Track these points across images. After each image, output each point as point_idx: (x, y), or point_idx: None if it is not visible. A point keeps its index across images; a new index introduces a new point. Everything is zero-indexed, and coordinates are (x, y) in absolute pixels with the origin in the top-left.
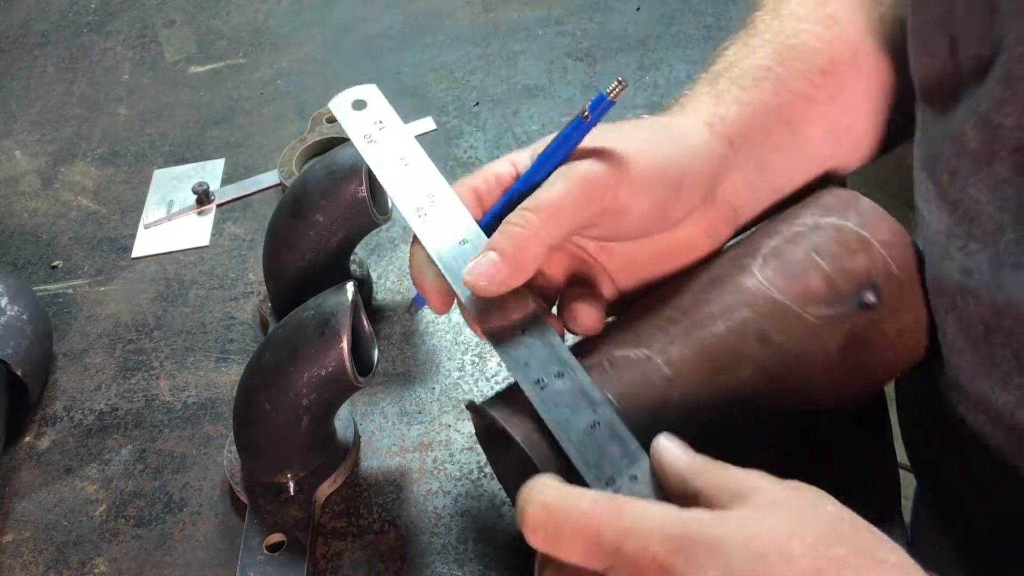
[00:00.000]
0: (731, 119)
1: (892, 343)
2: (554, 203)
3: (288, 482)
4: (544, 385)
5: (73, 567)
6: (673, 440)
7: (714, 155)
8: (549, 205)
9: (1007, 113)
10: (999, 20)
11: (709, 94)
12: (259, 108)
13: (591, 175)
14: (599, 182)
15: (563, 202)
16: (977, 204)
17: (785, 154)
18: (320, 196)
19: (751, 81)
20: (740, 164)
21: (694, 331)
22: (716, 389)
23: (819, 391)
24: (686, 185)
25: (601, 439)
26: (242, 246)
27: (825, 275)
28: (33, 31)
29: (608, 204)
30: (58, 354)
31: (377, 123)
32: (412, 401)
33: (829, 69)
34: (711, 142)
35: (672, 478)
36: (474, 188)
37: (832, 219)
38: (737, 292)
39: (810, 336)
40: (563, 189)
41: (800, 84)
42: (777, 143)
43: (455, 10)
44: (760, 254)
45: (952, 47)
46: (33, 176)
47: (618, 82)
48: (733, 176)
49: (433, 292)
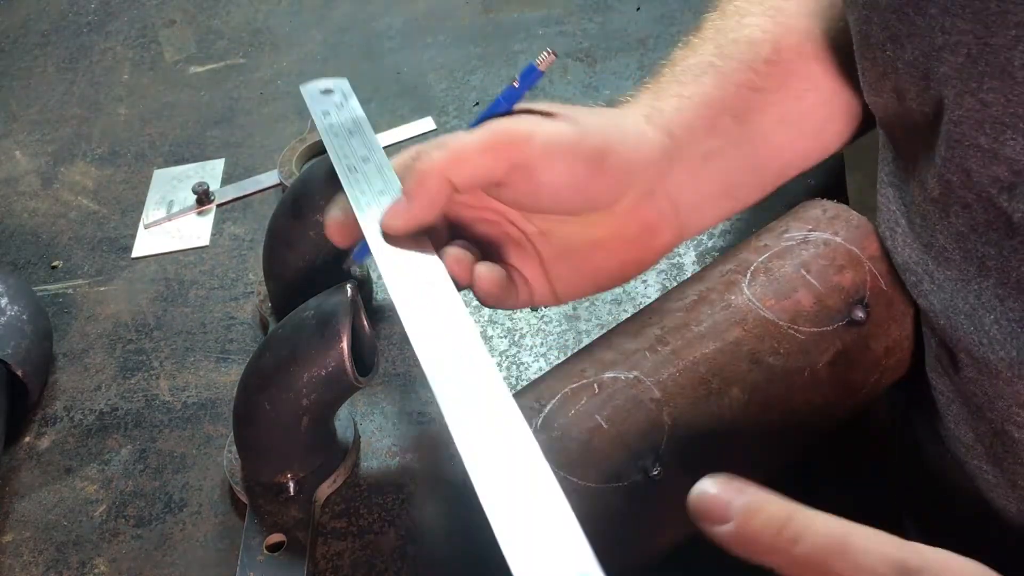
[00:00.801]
0: (669, 111)
1: (879, 359)
2: (460, 144)
3: (288, 482)
4: None
5: (73, 567)
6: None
7: (647, 143)
8: (454, 144)
9: (952, 171)
10: (935, 84)
11: (647, 91)
12: (259, 108)
13: (504, 127)
14: (511, 134)
15: (469, 145)
16: (945, 251)
17: (733, 144)
18: (320, 196)
19: (691, 77)
20: (682, 157)
21: (684, 352)
22: (706, 409)
23: (805, 408)
24: (609, 163)
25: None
26: (242, 246)
27: (814, 292)
28: (33, 31)
29: (516, 159)
30: (58, 354)
31: (338, 105)
32: (412, 401)
33: (774, 58)
34: (648, 131)
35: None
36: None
37: (821, 233)
38: (726, 310)
39: (798, 353)
40: (473, 136)
41: (744, 75)
42: (723, 134)
43: (455, 10)
44: (748, 270)
45: (900, 97)
46: (33, 176)
47: (548, 52)
48: (675, 171)
49: (335, 222)
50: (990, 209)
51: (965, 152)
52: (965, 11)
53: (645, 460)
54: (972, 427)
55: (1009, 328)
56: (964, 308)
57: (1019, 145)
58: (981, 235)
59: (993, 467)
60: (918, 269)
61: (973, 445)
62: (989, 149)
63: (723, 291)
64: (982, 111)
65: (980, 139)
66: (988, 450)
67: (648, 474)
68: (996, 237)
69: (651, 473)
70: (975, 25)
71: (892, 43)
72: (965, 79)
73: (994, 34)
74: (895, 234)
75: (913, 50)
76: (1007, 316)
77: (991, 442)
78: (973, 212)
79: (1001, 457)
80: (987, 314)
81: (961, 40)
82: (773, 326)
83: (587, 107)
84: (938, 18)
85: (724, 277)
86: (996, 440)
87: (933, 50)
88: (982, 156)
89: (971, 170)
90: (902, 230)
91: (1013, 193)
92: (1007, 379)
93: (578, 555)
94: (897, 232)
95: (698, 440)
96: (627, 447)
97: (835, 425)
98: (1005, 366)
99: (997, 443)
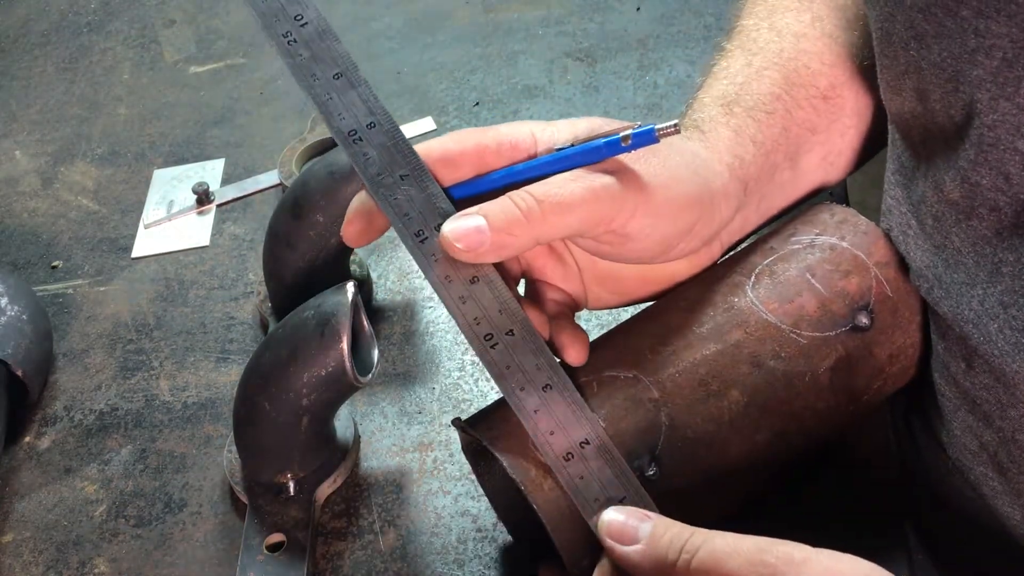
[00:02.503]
0: (748, 161)
1: (882, 366)
2: (563, 203)
3: (288, 482)
4: (495, 343)
5: (73, 567)
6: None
7: (729, 203)
8: (558, 202)
9: (983, 174)
10: (966, 87)
11: (727, 126)
12: (259, 108)
13: (611, 193)
14: (615, 203)
15: (572, 206)
16: (959, 254)
17: (782, 188)
18: (320, 196)
19: (764, 115)
20: (744, 206)
21: (684, 353)
22: (704, 410)
23: (806, 412)
24: (697, 227)
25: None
26: (242, 246)
27: (819, 296)
28: (33, 31)
29: (616, 227)
30: (58, 354)
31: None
32: (412, 401)
33: (830, 94)
34: (730, 186)
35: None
36: (480, 145)
37: (828, 238)
38: (728, 312)
39: (800, 358)
40: (577, 194)
41: (805, 113)
42: (779, 181)
43: (455, 10)
44: (753, 272)
45: (922, 98)
46: (33, 176)
47: (673, 126)
48: (736, 218)
49: (355, 216)
50: (1021, 212)
51: (1001, 156)
52: (1000, 14)
53: (641, 460)
54: (978, 435)
55: (1014, 338)
56: (969, 316)
57: None
58: (1005, 239)
59: (998, 475)
60: (929, 274)
61: (978, 452)
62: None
63: (726, 293)
64: (1019, 115)
65: (1018, 143)
66: (993, 458)
67: (644, 474)
68: (1018, 242)
69: (647, 473)
70: (1011, 28)
71: (916, 42)
72: (1001, 83)
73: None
74: (907, 237)
75: (941, 51)
76: (1011, 324)
77: (997, 450)
78: (1002, 215)
79: (1007, 466)
80: (991, 322)
81: (996, 43)
82: (775, 329)
83: (679, 151)
84: (971, 20)
85: (728, 279)
86: (1003, 448)
87: (965, 52)
88: (1021, 160)
89: (1010, 174)
90: (913, 232)
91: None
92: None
93: None
94: (909, 235)
95: (695, 441)
96: (623, 446)
97: (836, 430)
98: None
99: (1003, 451)
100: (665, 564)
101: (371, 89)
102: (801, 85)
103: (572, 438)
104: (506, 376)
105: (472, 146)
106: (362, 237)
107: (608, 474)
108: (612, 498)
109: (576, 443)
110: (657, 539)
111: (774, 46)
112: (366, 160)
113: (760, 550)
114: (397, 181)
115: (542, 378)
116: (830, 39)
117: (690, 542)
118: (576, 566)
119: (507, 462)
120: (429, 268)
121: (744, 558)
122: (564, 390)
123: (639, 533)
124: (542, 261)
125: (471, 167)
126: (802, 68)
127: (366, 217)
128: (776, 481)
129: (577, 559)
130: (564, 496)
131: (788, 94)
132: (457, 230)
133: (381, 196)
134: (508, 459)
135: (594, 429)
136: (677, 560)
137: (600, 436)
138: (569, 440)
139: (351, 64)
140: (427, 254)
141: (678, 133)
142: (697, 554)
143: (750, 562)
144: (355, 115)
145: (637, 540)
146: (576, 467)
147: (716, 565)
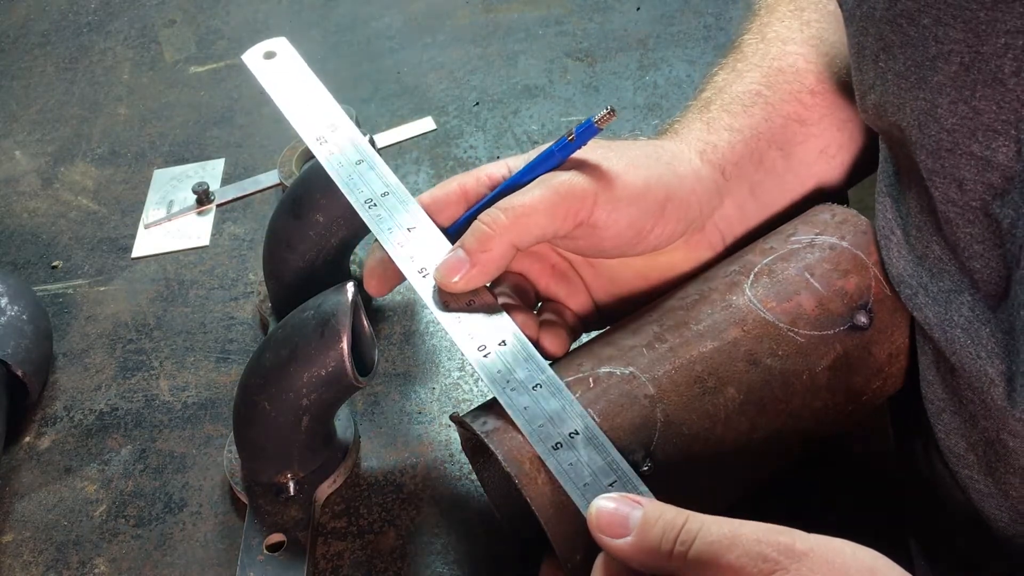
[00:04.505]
0: (723, 147)
1: (881, 366)
2: (525, 206)
3: (288, 482)
4: (487, 353)
5: (73, 567)
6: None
7: (703, 184)
8: (519, 207)
9: (936, 185)
10: (927, 93)
11: (701, 120)
12: (259, 108)
13: (568, 187)
14: (576, 195)
15: (535, 207)
16: (940, 263)
17: (778, 177)
18: (320, 196)
19: (741, 107)
20: (732, 192)
21: (681, 350)
22: (699, 407)
23: (803, 411)
24: (668, 211)
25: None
26: (242, 246)
27: (817, 295)
28: (33, 31)
29: (583, 218)
30: (58, 354)
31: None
32: (412, 401)
33: (818, 88)
34: (702, 170)
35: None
36: (462, 184)
37: (828, 238)
38: (726, 310)
39: (798, 356)
40: (537, 195)
41: (791, 106)
42: (770, 168)
43: (455, 10)
44: (752, 271)
45: (878, 113)
46: (33, 176)
47: (608, 110)
48: (725, 205)
49: (374, 272)
50: (983, 218)
51: (958, 161)
52: (957, 20)
53: (636, 456)
54: (964, 436)
55: (1004, 340)
56: (960, 321)
57: (1011, 151)
58: (972, 244)
59: (985, 477)
60: (912, 282)
61: (964, 455)
62: (982, 156)
63: (725, 291)
64: (975, 119)
65: (973, 147)
66: (980, 459)
67: (638, 470)
68: (981, 249)
69: (641, 469)
70: (967, 34)
71: (885, 53)
72: (959, 87)
73: (984, 42)
74: (890, 244)
75: (905, 60)
76: (1001, 328)
77: (984, 451)
78: (968, 220)
79: (994, 467)
80: (983, 327)
81: (954, 49)
82: (772, 328)
83: (639, 144)
84: (931, 28)
85: (727, 278)
86: (989, 449)
87: (927, 59)
88: (975, 163)
89: (964, 179)
90: (897, 240)
91: (1004, 200)
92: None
93: None
94: (892, 243)
95: (691, 438)
96: (619, 442)
97: (835, 431)
98: (1002, 378)
99: (990, 452)
100: (659, 555)
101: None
102: (785, 82)
103: (561, 430)
104: (496, 379)
105: (455, 187)
106: (383, 287)
107: (599, 461)
108: (602, 483)
109: (566, 434)
110: (648, 529)
111: (760, 51)
112: (379, 218)
113: (759, 541)
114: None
115: (532, 379)
116: (818, 40)
117: (684, 531)
118: (570, 560)
119: (501, 455)
120: (429, 296)
121: (743, 550)
122: (553, 388)
123: (630, 521)
124: (545, 281)
125: (459, 206)
126: (787, 67)
127: (381, 267)
128: (773, 481)
129: (571, 553)
130: (558, 490)
131: (769, 89)
132: (443, 267)
133: (391, 244)
134: (502, 452)
135: (583, 421)
136: (672, 550)
137: (590, 427)
138: (558, 431)
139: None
140: (428, 285)
141: (614, 116)
142: (694, 545)
143: (749, 555)
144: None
145: (628, 530)
146: (565, 455)
147: (714, 558)
